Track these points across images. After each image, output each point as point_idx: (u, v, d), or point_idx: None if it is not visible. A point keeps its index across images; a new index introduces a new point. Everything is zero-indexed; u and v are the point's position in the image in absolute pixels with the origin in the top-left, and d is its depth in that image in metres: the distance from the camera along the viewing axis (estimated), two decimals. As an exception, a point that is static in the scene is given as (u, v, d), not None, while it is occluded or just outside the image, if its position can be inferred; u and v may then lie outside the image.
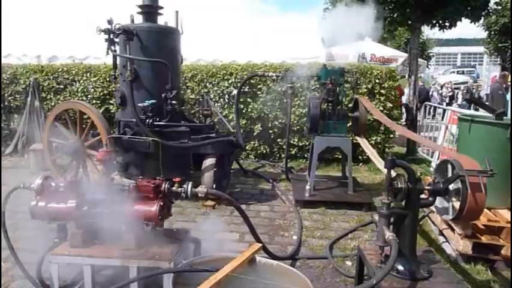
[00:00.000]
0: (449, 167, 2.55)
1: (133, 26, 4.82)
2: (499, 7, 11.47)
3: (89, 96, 7.65)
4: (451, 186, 2.50)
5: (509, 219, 3.63)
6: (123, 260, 2.59)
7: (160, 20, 5.24)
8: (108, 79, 7.51)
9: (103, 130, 5.01)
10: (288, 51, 8.85)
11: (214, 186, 4.87)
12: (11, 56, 8.88)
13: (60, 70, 7.79)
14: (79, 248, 2.65)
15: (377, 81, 7.36)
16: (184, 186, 2.74)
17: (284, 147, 6.91)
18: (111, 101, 7.52)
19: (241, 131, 6.59)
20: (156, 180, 2.71)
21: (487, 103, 8.18)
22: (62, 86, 7.78)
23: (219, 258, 2.50)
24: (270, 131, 7.48)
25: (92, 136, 5.21)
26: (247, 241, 3.96)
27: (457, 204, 2.45)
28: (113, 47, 4.75)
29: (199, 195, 2.77)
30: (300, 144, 7.47)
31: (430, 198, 2.62)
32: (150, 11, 5.09)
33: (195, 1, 9.23)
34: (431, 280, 2.49)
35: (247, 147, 7.46)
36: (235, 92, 7.05)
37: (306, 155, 7.14)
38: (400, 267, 2.51)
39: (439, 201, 2.72)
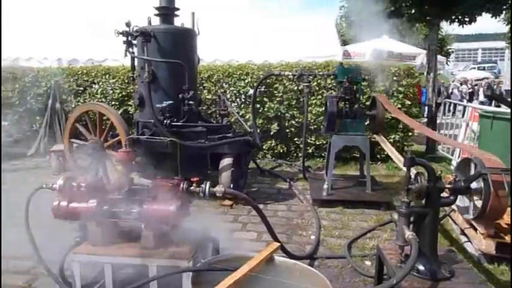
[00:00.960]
0: (471, 165, 2.50)
1: (150, 28, 4.88)
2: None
3: (108, 97, 7.79)
4: (473, 185, 2.44)
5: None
6: (143, 258, 2.62)
7: (177, 22, 5.29)
8: (126, 81, 7.62)
9: (122, 131, 5.08)
10: (304, 50, 8.82)
11: (231, 185, 4.89)
12: (32, 60, 9.11)
13: (80, 72, 7.95)
14: (99, 246, 2.69)
15: (395, 78, 7.26)
16: (202, 185, 2.75)
17: (301, 146, 6.89)
18: (129, 102, 7.63)
19: (258, 131, 6.60)
20: (174, 180, 2.73)
21: (509, 99, 7.97)
22: (81, 88, 7.93)
23: (237, 257, 2.50)
24: (287, 130, 7.47)
25: (111, 137, 5.29)
26: (264, 240, 3.96)
27: (479, 203, 2.40)
28: (130, 49, 4.83)
29: (217, 194, 2.78)
30: (317, 143, 7.44)
31: (451, 197, 2.57)
32: (167, 12, 5.14)
33: (211, 2, 9.31)
34: (453, 280, 2.44)
35: (264, 147, 7.46)
36: (251, 91, 7.06)
37: (323, 154, 7.10)
38: (421, 267, 2.47)
39: (460, 200, 2.67)
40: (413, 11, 7.82)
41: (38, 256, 2.91)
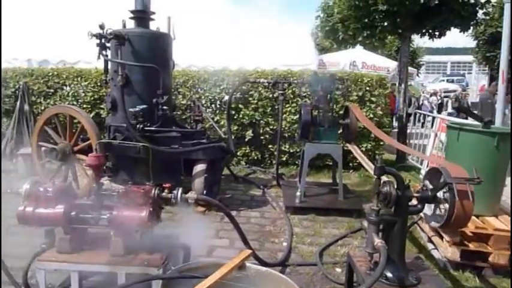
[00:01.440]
0: (438, 174, 2.58)
1: (125, 31, 4.82)
2: (487, 17, 11.67)
3: (80, 100, 7.60)
4: (439, 194, 2.52)
5: (497, 227, 3.67)
6: (111, 266, 2.57)
7: (152, 26, 5.25)
8: (99, 84, 7.48)
9: (93, 135, 4.97)
10: (280, 58, 8.91)
11: (204, 192, 4.86)
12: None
13: (50, 74, 7.74)
14: (66, 254, 2.61)
15: (368, 88, 7.43)
16: (174, 192, 2.73)
17: (275, 153, 6.92)
18: (101, 106, 7.48)
19: (233, 137, 6.59)
20: (146, 186, 2.69)
21: (475, 112, 8.29)
22: (52, 90, 7.72)
23: (208, 264, 2.49)
24: (261, 137, 7.50)
25: (81, 141, 5.16)
26: (237, 247, 3.94)
27: (445, 212, 2.47)
28: (104, 52, 4.74)
29: (189, 201, 2.75)
30: (291, 150, 7.50)
31: (419, 206, 2.64)
32: (142, 16, 5.09)
33: (188, 7, 9.27)
34: (420, 287, 2.50)
35: (238, 153, 7.46)
36: (226, 98, 7.06)
37: (297, 162, 7.16)
38: (389, 274, 2.52)
39: (428, 209, 2.75)
40: (386, 24, 8.05)
41: (1, 263, 2.80)
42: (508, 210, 4.18)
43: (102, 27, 4.59)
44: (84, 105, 7.49)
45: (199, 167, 4.93)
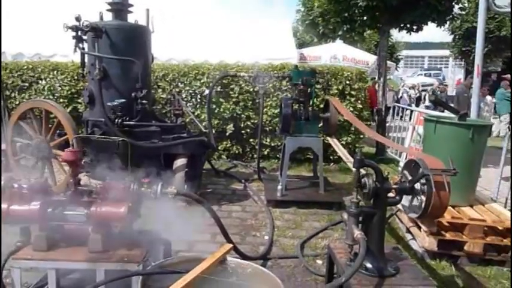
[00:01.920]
0: (415, 166, 2.62)
1: (102, 24, 4.71)
2: (463, 12, 11.91)
3: (56, 94, 7.42)
4: (417, 185, 2.57)
5: (472, 217, 3.77)
6: (90, 263, 2.52)
7: (130, 18, 5.14)
8: (76, 77, 7.31)
9: (70, 130, 4.86)
10: (261, 52, 8.88)
11: (185, 186, 4.82)
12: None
13: (25, 68, 7.52)
14: (43, 251, 2.55)
15: (347, 82, 7.49)
16: (154, 187, 2.70)
17: (256, 147, 6.93)
18: (79, 100, 7.32)
19: (213, 131, 6.55)
20: (124, 181, 2.65)
21: (452, 105, 8.47)
22: (27, 84, 7.51)
23: (189, 259, 2.47)
24: (242, 131, 7.48)
25: (58, 136, 5.04)
26: (218, 242, 3.93)
27: (422, 203, 2.52)
28: (80, 45, 4.62)
29: (169, 196, 2.73)
30: (272, 144, 7.51)
31: (397, 197, 2.69)
32: (120, 8, 4.98)
33: (167, 0, 9.13)
34: (398, 277, 2.55)
35: (219, 148, 7.43)
36: (207, 91, 7.01)
37: (278, 155, 7.17)
38: (369, 265, 2.56)
39: (406, 200, 2.80)
40: (365, 18, 8.12)
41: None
42: (483, 201, 4.30)
43: (78, 19, 4.47)
44: (61, 100, 7.31)
45: (180, 162, 4.88)
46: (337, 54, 13.22)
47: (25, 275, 2.66)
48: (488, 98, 14.23)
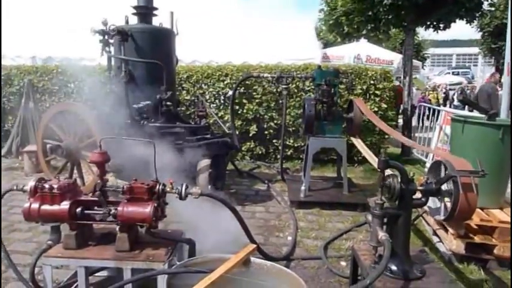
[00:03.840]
0: (442, 167, 2.57)
1: (127, 27, 4.82)
2: (493, 8, 11.54)
3: (84, 97, 7.62)
4: (444, 187, 2.51)
5: (501, 219, 3.66)
6: (117, 261, 2.59)
7: (155, 21, 5.24)
8: (103, 80, 7.47)
9: (98, 131, 4.98)
10: (284, 52, 8.88)
11: (209, 187, 4.86)
12: (5, 58, 8.83)
13: (54, 71, 7.76)
14: (72, 250, 2.64)
15: (372, 82, 7.39)
16: (179, 187, 2.74)
17: (279, 148, 6.92)
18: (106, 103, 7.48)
19: (237, 132, 6.59)
20: (150, 182, 2.71)
21: (480, 104, 8.21)
22: (56, 87, 7.75)
23: (213, 259, 2.50)
24: (266, 132, 7.49)
25: (86, 138, 5.17)
26: (242, 242, 3.95)
27: (449, 205, 2.47)
28: (107, 48, 4.74)
29: (193, 196, 2.76)
30: (296, 145, 7.49)
31: (423, 199, 2.64)
32: (145, 11, 5.09)
33: (191, 2, 9.25)
34: (425, 280, 2.50)
35: (242, 148, 7.46)
36: (230, 93, 7.06)
37: (301, 156, 7.15)
38: (394, 267, 2.52)
39: (432, 202, 2.74)
40: (390, 17, 7.99)
41: (8, 259, 2.83)
42: (514, 203, 4.16)
43: (105, 23, 4.59)
44: (89, 102, 7.49)
45: (204, 163, 4.93)
46: (360, 54, 13.06)
47: (56, 272, 2.76)
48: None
